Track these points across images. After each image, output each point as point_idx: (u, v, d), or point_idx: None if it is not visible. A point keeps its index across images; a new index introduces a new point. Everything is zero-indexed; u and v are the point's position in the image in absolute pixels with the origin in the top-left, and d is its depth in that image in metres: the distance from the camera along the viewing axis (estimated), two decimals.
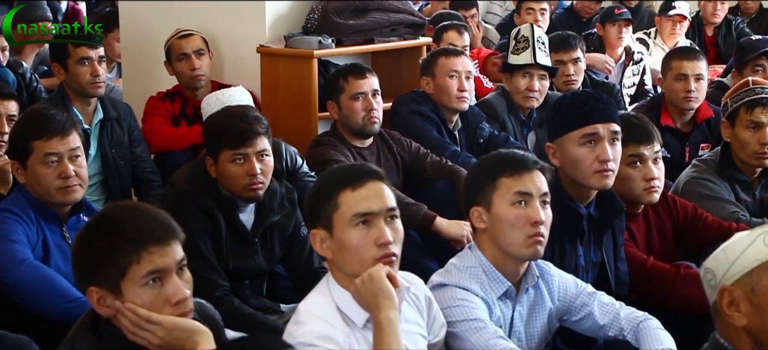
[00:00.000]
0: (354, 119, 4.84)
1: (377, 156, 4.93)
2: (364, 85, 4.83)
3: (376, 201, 2.79)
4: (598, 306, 3.31)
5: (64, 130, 3.62)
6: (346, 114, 4.85)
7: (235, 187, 3.87)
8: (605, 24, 7.46)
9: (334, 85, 4.91)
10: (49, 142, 3.60)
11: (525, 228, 3.10)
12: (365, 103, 4.82)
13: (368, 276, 2.73)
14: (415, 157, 5.02)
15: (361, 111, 4.82)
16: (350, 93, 4.82)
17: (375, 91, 4.87)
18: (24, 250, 3.49)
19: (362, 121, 4.83)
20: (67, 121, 3.68)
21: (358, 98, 4.82)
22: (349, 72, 4.88)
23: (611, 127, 3.58)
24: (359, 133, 4.86)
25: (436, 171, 4.97)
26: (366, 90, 4.82)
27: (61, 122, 3.64)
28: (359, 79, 4.84)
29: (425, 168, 4.99)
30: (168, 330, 2.49)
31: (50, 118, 3.65)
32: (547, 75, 5.61)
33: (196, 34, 5.45)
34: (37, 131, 3.61)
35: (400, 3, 5.80)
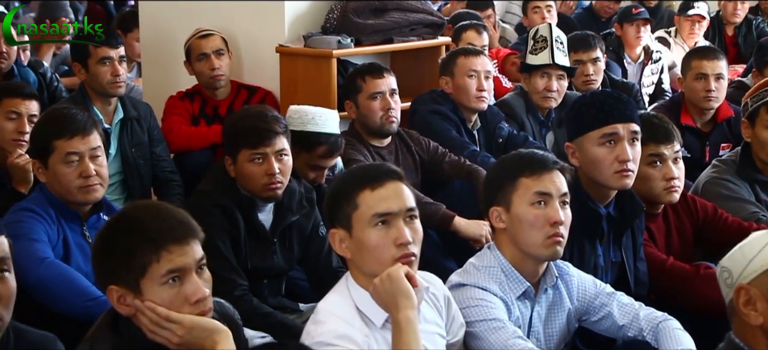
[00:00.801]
0: (372, 119, 4.84)
1: (396, 155, 4.93)
2: (381, 84, 4.84)
3: (396, 202, 2.79)
4: (617, 307, 3.30)
5: (85, 129, 3.64)
6: (363, 113, 4.86)
7: (254, 187, 3.88)
8: (623, 24, 7.44)
9: (351, 84, 4.91)
10: (70, 142, 3.61)
11: (544, 229, 3.10)
12: (383, 102, 4.83)
13: (387, 276, 2.73)
14: (433, 156, 5.02)
15: (379, 110, 4.83)
16: (368, 92, 4.83)
17: (393, 90, 4.88)
18: (45, 249, 3.51)
19: (380, 120, 4.84)
20: (88, 121, 3.69)
21: (375, 98, 4.83)
22: (367, 71, 4.89)
23: (631, 126, 3.57)
24: (377, 132, 4.86)
25: (454, 170, 4.96)
26: (384, 89, 4.83)
27: (82, 121, 3.65)
28: (377, 78, 4.84)
29: (444, 167, 4.99)
30: (187, 329, 2.50)
31: (71, 118, 3.66)
32: (566, 75, 5.60)
33: (216, 34, 5.46)
34: (58, 130, 3.63)
35: (419, 3, 5.80)
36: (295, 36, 5.50)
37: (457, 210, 4.56)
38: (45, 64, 6.50)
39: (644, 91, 7.18)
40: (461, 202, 4.72)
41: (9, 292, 2.55)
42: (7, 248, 2.56)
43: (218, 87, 5.44)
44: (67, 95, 5.99)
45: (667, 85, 7.43)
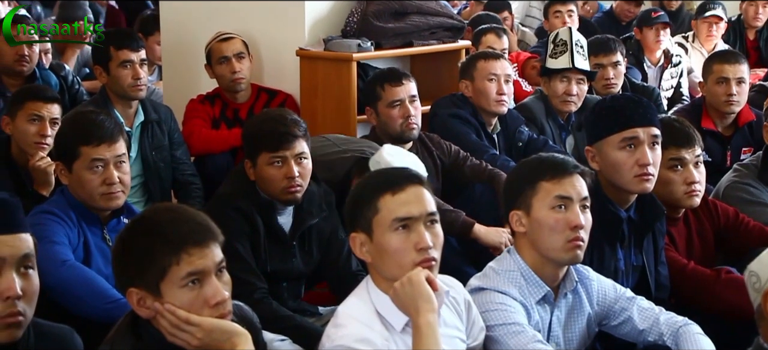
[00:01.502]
0: (392, 126, 4.85)
1: None
2: (400, 92, 4.83)
3: (416, 206, 2.79)
4: (637, 311, 3.29)
5: (112, 136, 3.65)
6: (384, 121, 4.87)
7: (274, 190, 3.89)
8: (643, 27, 7.43)
9: (371, 92, 4.92)
10: (96, 148, 3.62)
11: (565, 233, 3.09)
12: (402, 109, 4.82)
13: (408, 280, 2.73)
14: (454, 160, 5.01)
15: (399, 118, 4.83)
16: (387, 101, 4.83)
17: (412, 96, 4.87)
18: (65, 252, 3.52)
19: (400, 127, 4.84)
20: (115, 128, 3.70)
21: (395, 106, 4.83)
22: (385, 79, 4.88)
23: (651, 130, 3.56)
24: (398, 139, 4.85)
25: (475, 174, 4.95)
26: (403, 97, 4.83)
27: (109, 129, 3.66)
28: (395, 86, 4.84)
29: (465, 171, 4.98)
30: (207, 331, 2.50)
31: (99, 124, 3.67)
32: (586, 78, 5.59)
33: (237, 38, 5.48)
34: (85, 136, 3.63)
35: (439, 6, 5.80)
36: (315, 39, 5.51)
37: (478, 215, 4.55)
38: (66, 67, 6.53)
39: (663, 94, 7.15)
40: (481, 207, 4.71)
41: (33, 289, 2.57)
42: (31, 245, 2.59)
43: (239, 90, 5.45)
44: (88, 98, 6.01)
45: (685, 89, 7.40)
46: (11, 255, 2.52)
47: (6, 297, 2.49)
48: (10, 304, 2.50)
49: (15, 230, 2.56)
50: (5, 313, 2.50)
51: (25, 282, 2.54)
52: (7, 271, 2.51)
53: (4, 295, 2.49)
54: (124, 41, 5.12)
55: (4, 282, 2.50)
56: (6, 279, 2.50)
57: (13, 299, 2.49)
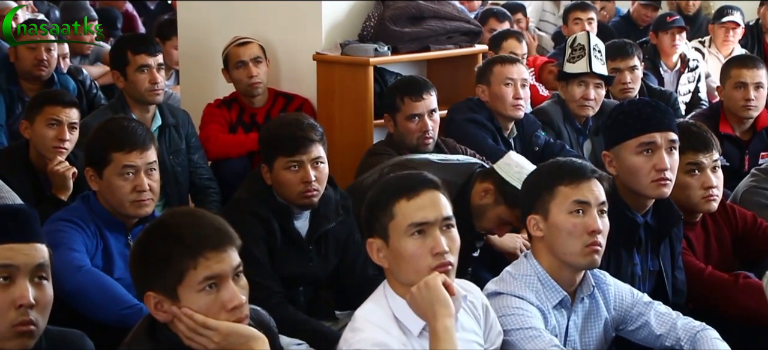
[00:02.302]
0: (409, 138, 4.84)
1: None
2: (420, 106, 4.81)
3: (432, 211, 2.79)
4: (654, 316, 3.29)
5: (145, 144, 3.67)
6: (401, 131, 4.86)
7: (290, 194, 3.89)
8: (658, 32, 7.41)
9: (391, 101, 4.89)
10: (128, 155, 3.63)
11: (582, 237, 3.09)
12: (420, 124, 4.81)
13: (424, 284, 2.73)
14: None
15: (416, 132, 4.82)
16: (406, 113, 4.82)
17: (432, 110, 4.85)
18: (82, 258, 3.53)
19: (416, 140, 4.83)
20: (147, 136, 3.72)
21: (413, 119, 4.81)
22: (406, 92, 4.84)
23: (669, 135, 3.55)
24: (413, 151, 4.83)
25: None
26: (422, 111, 4.81)
27: (141, 136, 3.68)
28: (416, 101, 4.81)
29: None
30: (224, 335, 2.51)
31: (132, 131, 3.68)
32: (603, 83, 5.58)
33: (254, 42, 5.48)
34: (118, 143, 3.64)
35: (456, 10, 5.79)
36: (332, 44, 5.51)
37: None
38: (84, 72, 6.56)
39: (681, 99, 7.13)
40: None
41: (46, 299, 2.56)
42: (46, 255, 2.58)
43: (256, 94, 5.45)
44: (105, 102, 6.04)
45: (703, 94, 7.38)
46: (25, 264, 2.52)
47: (19, 305, 2.49)
48: (22, 312, 2.50)
49: (30, 239, 2.56)
50: (17, 321, 2.50)
51: (38, 292, 2.53)
52: (20, 280, 2.51)
53: (16, 303, 2.49)
54: (142, 46, 5.14)
55: (17, 291, 2.50)
56: (19, 287, 2.51)
57: (25, 307, 2.49)
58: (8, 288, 2.50)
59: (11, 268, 2.50)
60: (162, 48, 5.53)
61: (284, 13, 5.64)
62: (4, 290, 2.50)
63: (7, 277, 2.50)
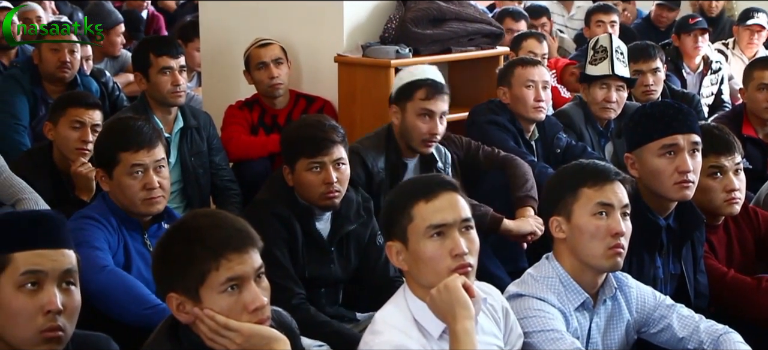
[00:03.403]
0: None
1: None
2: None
3: (450, 213, 2.79)
4: (677, 319, 3.28)
5: (151, 142, 3.68)
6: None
7: (312, 196, 3.90)
8: (681, 34, 7.38)
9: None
10: (136, 154, 3.65)
11: (605, 240, 3.08)
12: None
13: (444, 287, 2.73)
14: (467, 151, 4.97)
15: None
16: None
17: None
18: (105, 257, 3.55)
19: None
20: (154, 134, 3.73)
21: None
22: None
23: (691, 137, 3.54)
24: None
25: (489, 161, 4.91)
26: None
27: (148, 134, 3.69)
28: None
29: (480, 159, 4.94)
30: (246, 337, 2.52)
31: (138, 130, 3.70)
32: (625, 85, 5.56)
33: (275, 43, 5.50)
34: (124, 143, 3.66)
35: (477, 12, 5.79)
36: (353, 45, 5.52)
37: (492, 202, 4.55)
38: (107, 74, 6.59)
39: (703, 101, 7.10)
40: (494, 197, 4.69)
41: (74, 305, 2.57)
42: (74, 261, 2.59)
43: (277, 96, 5.46)
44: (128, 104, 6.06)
45: (726, 96, 7.34)
46: (53, 270, 2.53)
47: (47, 311, 2.50)
48: (50, 318, 2.50)
49: (58, 245, 2.56)
50: (45, 327, 2.50)
51: (66, 298, 2.54)
52: (48, 285, 2.52)
53: (44, 309, 2.50)
54: (164, 48, 5.15)
55: (45, 296, 2.50)
56: (47, 293, 2.51)
57: (53, 313, 2.50)
58: (36, 294, 2.51)
59: (40, 274, 2.51)
60: (184, 50, 5.54)
61: (306, 15, 5.65)
62: (33, 296, 2.50)
63: (36, 283, 2.51)
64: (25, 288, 2.50)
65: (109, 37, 7.46)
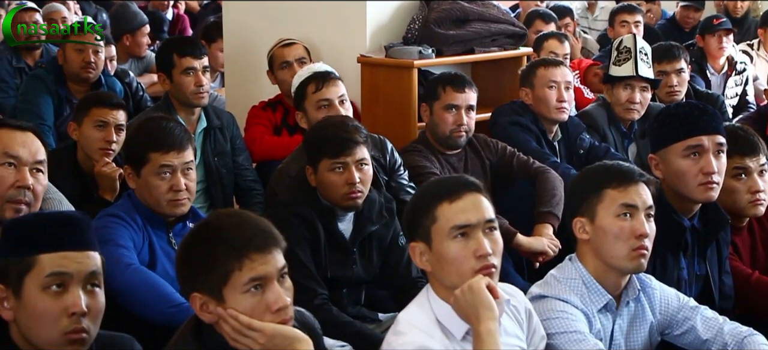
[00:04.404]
0: (442, 129, 4.84)
1: (464, 161, 4.92)
2: (459, 98, 4.81)
3: (474, 213, 2.78)
4: (701, 321, 3.26)
5: (182, 144, 3.69)
6: (436, 121, 4.86)
7: (334, 196, 3.90)
8: (705, 35, 7.34)
9: (432, 89, 4.91)
10: (165, 155, 3.66)
11: (629, 241, 3.07)
12: (457, 116, 4.81)
13: (468, 288, 2.72)
14: (501, 156, 4.99)
15: (451, 124, 4.81)
16: (444, 103, 4.82)
17: (470, 106, 4.85)
18: (130, 255, 3.56)
19: (449, 133, 4.83)
20: (185, 136, 3.75)
21: (451, 110, 4.81)
22: (449, 81, 4.86)
23: (716, 138, 3.53)
24: (444, 144, 4.86)
25: (522, 170, 4.92)
26: (460, 103, 4.81)
27: (179, 136, 3.71)
28: (457, 91, 4.82)
29: (513, 166, 4.95)
30: (269, 337, 2.52)
31: (169, 131, 3.71)
32: (649, 86, 5.54)
33: (299, 43, 5.50)
34: (155, 143, 3.68)
35: (500, 13, 5.78)
36: (376, 46, 5.52)
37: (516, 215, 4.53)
38: (131, 74, 6.62)
39: (728, 102, 7.06)
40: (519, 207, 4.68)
41: (98, 307, 2.58)
42: (99, 263, 2.60)
43: None
44: (152, 104, 6.09)
45: (751, 97, 7.31)
46: (78, 272, 2.54)
47: (71, 313, 2.51)
48: (75, 321, 2.52)
49: (83, 247, 2.58)
50: (70, 329, 2.52)
51: (90, 300, 2.55)
52: (73, 288, 2.53)
53: (69, 311, 2.51)
54: (187, 49, 5.17)
55: (69, 299, 2.52)
56: (72, 295, 2.53)
57: (78, 316, 2.51)
58: (61, 295, 2.52)
59: (64, 276, 2.53)
60: (207, 50, 5.56)
61: (329, 16, 5.66)
62: (57, 298, 2.52)
63: (61, 285, 2.53)
64: (50, 289, 2.52)
65: (134, 38, 7.51)
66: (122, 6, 8.10)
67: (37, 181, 3.35)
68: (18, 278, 2.53)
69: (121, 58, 7.22)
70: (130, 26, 7.56)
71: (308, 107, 4.73)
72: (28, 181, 3.31)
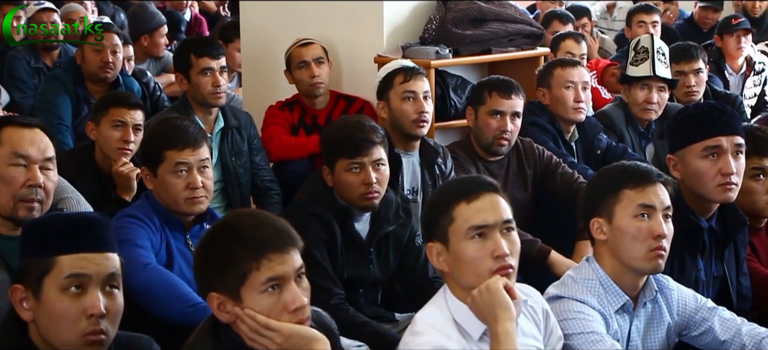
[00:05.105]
0: (486, 134, 4.77)
1: (506, 171, 4.86)
2: (505, 104, 4.73)
3: (492, 214, 2.78)
4: (718, 322, 3.25)
5: (197, 141, 3.71)
6: (479, 126, 4.79)
7: (351, 196, 3.91)
8: (723, 35, 7.32)
9: (478, 93, 4.85)
10: (181, 153, 3.67)
11: (647, 242, 3.07)
12: (501, 122, 4.73)
13: (486, 288, 2.72)
14: (546, 166, 4.93)
15: (495, 130, 4.73)
16: (490, 108, 4.74)
17: (516, 113, 4.76)
18: (148, 255, 3.57)
19: (492, 139, 4.76)
20: (199, 134, 3.76)
21: (495, 115, 4.73)
22: (496, 86, 4.78)
23: (735, 139, 3.52)
24: (486, 150, 4.81)
25: (565, 184, 4.85)
26: (505, 109, 4.73)
27: (193, 134, 3.72)
28: (503, 97, 4.73)
29: (556, 179, 4.89)
30: (286, 337, 2.53)
31: (184, 129, 3.73)
32: (667, 86, 5.52)
33: (317, 43, 5.51)
34: (170, 141, 3.69)
35: (518, 13, 5.77)
36: (393, 46, 5.52)
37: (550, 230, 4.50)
38: (148, 74, 6.64)
39: (746, 103, 7.04)
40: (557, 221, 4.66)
41: (117, 308, 2.59)
42: (118, 264, 2.61)
43: (318, 95, 5.47)
44: (169, 104, 6.10)
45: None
46: (97, 274, 2.55)
47: (90, 314, 2.52)
48: (93, 322, 2.52)
49: (103, 249, 2.59)
50: (88, 331, 2.53)
51: (109, 302, 2.56)
52: (92, 289, 2.54)
53: (88, 313, 2.52)
54: (205, 49, 5.18)
55: (88, 300, 2.53)
56: (90, 296, 2.53)
57: (96, 317, 2.52)
58: (80, 297, 2.53)
59: (83, 278, 2.54)
60: (225, 50, 5.57)
61: (346, 16, 5.66)
62: (76, 299, 2.53)
63: (80, 286, 2.54)
64: (69, 291, 2.53)
65: (152, 39, 7.53)
66: (140, 6, 8.13)
67: (47, 179, 3.33)
68: (37, 279, 2.54)
69: (139, 58, 7.25)
70: (148, 26, 7.58)
71: (392, 97, 4.73)
72: (40, 179, 3.29)
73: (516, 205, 4.79)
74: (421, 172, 4.73)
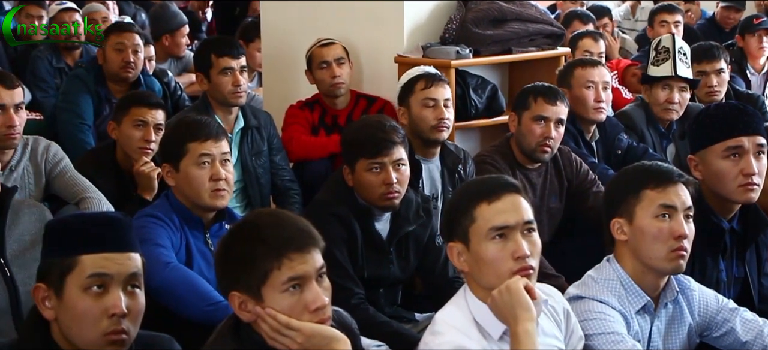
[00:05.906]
0: (528, 140, 4.68)
1: (544, 178, 4.80)
2: (549, 110, 4.65)
3: (513, 215, 2.78)
4: (740, 323, 3.24)
5: (218, 134, 3.74)
6: (523, 132, 4.70)
7: (372, 196, 3.91)
8: (745, 35, 7.29)
9: (522, 98, 4.76)
10: (203, 144, 3.69)
11: (668, 242, 3.06)
12: (545, 129, 4.64)
13: (506, 288, 2.72)
14: (582, 181, 4.85)
15: (539, 136, 4.64)
16: (534, 113, 4.65)
17: (560, 120, 4.68)
18: (169, 254, 3.59)
19: (535, 145, 4.67)
20: (220, 128, 3.81)
21: (539, 121, 4.65)
22: (541, 92, 4.70)
23: (757, 139, 3.50)
24: (529, 156, 4.73)
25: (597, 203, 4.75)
26: (550, 116, 4.64)
27: (214, 127, 3.77)
28: (548, 103, 4.66)
29: (588, 198, 4.81)
30: (307, 336, 2.53)
31: (205, 123, 3.77)
32: (688, 87, 5.50)
33: (338, 43, 5.51)
34: (192, 133, 3.72)
35: (538, 13, 5.76)
36: (413, 46, 5.52)
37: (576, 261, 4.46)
38: (169, 74, 6.66)
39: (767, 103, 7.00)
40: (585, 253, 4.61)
41: (139, 308, 2.59)
42: (140, 264, 2.61)
43: (339, 95, 5.48)
44: (190, 104, 6.12)
45: None
46: (119, 273, 2.55)
47: (111, 314, 2.52)
48: (115, 322, 2.53)
49: (125, 248, 2.59)
50: (109, 330, 2.53)
51: (131, 301, 2.56)
52: (114, 289, 2.54)
53: (109, 312, 2.52)
54: (225, 49, 5.19)
55: (110, 300, 2.53)
56: (112, 296, 2.54)
57: (118, 317, 2.53)
58: (102, 296, 2.54)
59: (105, 277, 2.54)
60: (245, 50, 5.59)
61: (366, 16, 5.67)
62: (98, 299, 2.53)
63: (101, 286, 2.54)
64: (90, 290, 2.53)
65: (173, 39, 7.56)
66: (162, 6, 8.15)
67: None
68: (59, 278, 2.55)
69: (160, 58, 7.28)
70: (169, 26, 7.61)
71: (413, 103, 4.72)
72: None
73: (550, 215, 4.79)
74: (441, 178, 4.72)
